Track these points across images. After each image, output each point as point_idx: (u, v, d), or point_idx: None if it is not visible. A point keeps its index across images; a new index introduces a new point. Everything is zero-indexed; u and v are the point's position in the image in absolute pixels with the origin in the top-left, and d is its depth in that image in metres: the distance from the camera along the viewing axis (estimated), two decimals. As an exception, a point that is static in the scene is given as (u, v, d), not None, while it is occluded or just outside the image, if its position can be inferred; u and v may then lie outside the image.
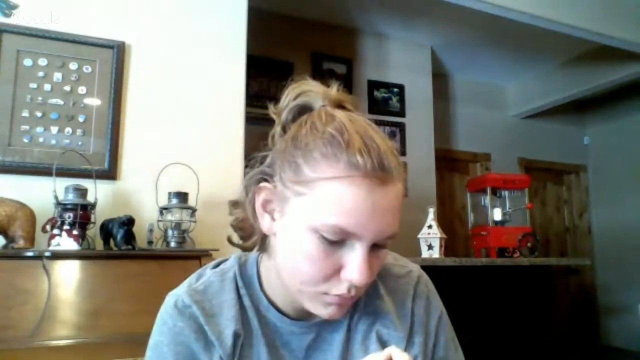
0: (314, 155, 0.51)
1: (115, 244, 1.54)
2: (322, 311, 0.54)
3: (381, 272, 0.66)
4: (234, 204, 0.63)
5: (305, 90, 0.57)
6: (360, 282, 0.50)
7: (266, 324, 0.61)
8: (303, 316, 0.61)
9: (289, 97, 0.57)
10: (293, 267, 0.53)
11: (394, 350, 0.47)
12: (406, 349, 0.62)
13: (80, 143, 1.75)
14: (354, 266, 0.50)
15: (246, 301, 0.61)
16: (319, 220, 0.50)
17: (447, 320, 0.68)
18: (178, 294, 0.60)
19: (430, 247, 2.46)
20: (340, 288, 0.52)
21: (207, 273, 0.63)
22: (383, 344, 0.62)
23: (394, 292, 0.66)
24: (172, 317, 0.58)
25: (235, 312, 0.59)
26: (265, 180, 0.56)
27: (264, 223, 0.57)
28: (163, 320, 0.59)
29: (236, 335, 0.58)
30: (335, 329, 0.62)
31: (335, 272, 0.52)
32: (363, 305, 0.64)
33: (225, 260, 0.66)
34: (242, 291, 0.61)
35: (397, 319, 0.63)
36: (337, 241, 0.50)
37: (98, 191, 1.62)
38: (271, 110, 0.58)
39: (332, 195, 0.49)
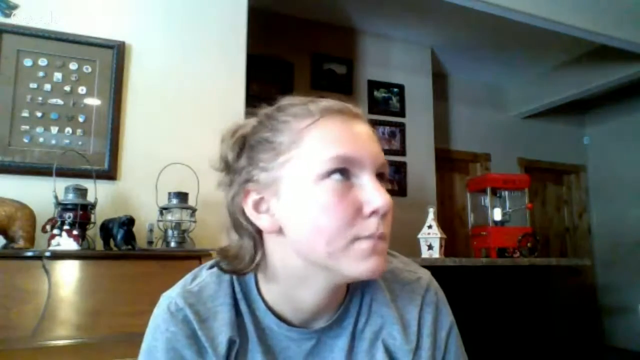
0: (283, 124, 0.54)
1: (115, 244, 1.54)
2: (363, 267, 0.51)
3: (389, 278, 0.64)
4: (223, 250, 0.59)
5: (238, 125, 0.58)
6: (384, 204, 0.50)
7: (263, 329, 0.59)
8: (304, 322, 0.59)
9: (226, 138, 0.57)
10: (315, 231, 0.51)
11: None
12: None
13: (80, 143, 1.75)
14: (373, 191, 0.51)
15: (242, 306, 0.59)
16: (320, 163, 0.51)
17: (456, 330, 0.66)
18: (172, 296, 0.58)
19: (430, 247, 2.46)
20: (368, 227, 0.51)
21: (202, 274, 0.61)
22: (390, 355, 0.60)
23: (401, 300, 0.63)
24: (165, 321, 0.57)
25: (231, 317, 0.57)
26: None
27: (265, 224, 0.54)
28: (156, 324, 0.58)
29: (231, 342, 0.56)
30: (337, 335, 0.60)
31: (357, 212, 0.51)
32: (368, 310, 0.62)
33: None
34: (239, 295, 0.59)
35: (405, 329, 0.61)
36: (346, 180, 0.51)
37: (98, 191, 1.62)
38: (215, 167, 0.58)
39: (319, 135, 0.52)
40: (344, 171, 0.51)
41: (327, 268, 0.53)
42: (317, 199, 0.51)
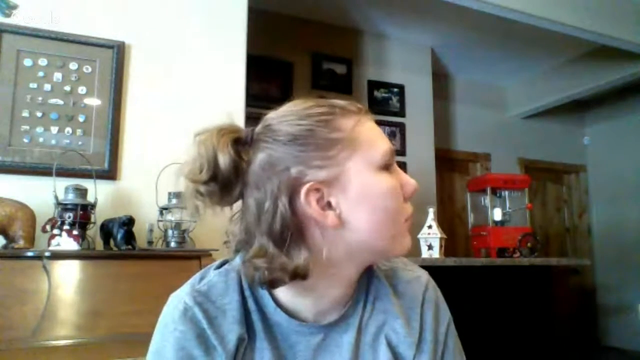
0: (329, 122, 0.56)
1: (115, 244, 1.54)
2: (405, 244, 0.60)
3: (391, 275, 0.67)
4: (270, 281, 0.55)
5: (225, 128, 0.58)
6: (417, 185, 0.60)
7: (271, 326, 0.59)
8: (318, 316, 0.60)
9: (214, 143, 0.55)
10: (384, 216, 0.57)
11: None
12: (415, 355, 0.62)
13: (80, 143, 1.75)
14: (406, 176, 0.60)
15: (250, 303, 0.60)
16: (377, 156, 0.57)
17: (454, 327, 0.68)
18: (180, 296, 0.59)
19: (430, 247, 2.46)
20: (409, 207, 0.60)
21: (210, 273, 0.62)
22: (392, 349, 0.61)
23: (403, 297, 0.65)
24: (174, 321, 0.57)
25: (240, 315, 0.58)
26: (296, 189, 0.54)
27: (332, 220, 0.55)
28: (164, 324, 0.58)
29: (240, 340, 0.57)
30: (345, 330, 0.61)
31: (403, 195, 0.59)
32: (372, 306, 0.63)
33: (229, 260, 0.64)
34: (247, 293, 0.60)
35: (407, 324, 0.63)
36: (391, 168, 0.59)
37: (98, 191, 1.62)
38: (195, 178, 0.56)
39: (366, 133, 0.58)
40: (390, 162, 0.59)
41: (378, 251, 0.59)
42: (383, 185, 0.56)
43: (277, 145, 0.55)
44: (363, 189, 0.56)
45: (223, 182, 0.55)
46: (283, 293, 0.59)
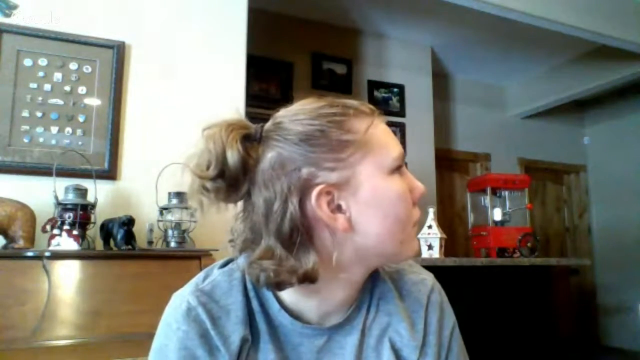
0: (341, 123, 0.55)
1: (115, 244, 1.54)
2: (414, 248, 0.59)
3: (396, 278, 0.66)
4: (278, 283, 0.54)
5: (232, 123, 0.56)
6: (425, 189, 0.60)
7: (275, 327, 0.59)
8: (322, 318, 0.60)
9: (224, 139, 0.54)
10: (394, 221, 0.56)
11: None
12: (419, 359, 0.61)
13: (80, 143, 1.75)
14: (415, 180, 0.59)
15: (254, 304, 0.59)
16: (389, 160, 0.56)
17: (458, 331, 0.67)
18: (183, 295, 0.58)
19: (430, 247, 2.46)
20: (417, 212, 0.59)
21: (214, 272, 0.61)
22: (396, 352, 0.61)
23: (407, 299, 0.65)
24: (177, 320, 0.56)
25: (243, 316, 0.57)
26: (305, 190, 0.53)
27: (340, 224, 0.54)
28: (167, 323, 0.57)
29: (244, 341, 0.56)
30: (349, 332, 0.61)
31: (411, 198, 0.59)
32: (376, 309, 0.63)
33: (233, 259, 0.63)
34: (251, 294, 0.59)
35: (411, 327, 0.62)
36: (401, 172, 0.58)
37: (98, 191, 1.62)
38: (203, 174, 0.54)
39: (379, 136, 0.57)
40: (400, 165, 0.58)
41: (387, 255, 0.59)
42: (394, 188, 0.56)
43: (288, 145, 0.54)
44: (374, 194, 0.55)
45: (230, 179, 0.54)
46: (287, 294, 0.59)
